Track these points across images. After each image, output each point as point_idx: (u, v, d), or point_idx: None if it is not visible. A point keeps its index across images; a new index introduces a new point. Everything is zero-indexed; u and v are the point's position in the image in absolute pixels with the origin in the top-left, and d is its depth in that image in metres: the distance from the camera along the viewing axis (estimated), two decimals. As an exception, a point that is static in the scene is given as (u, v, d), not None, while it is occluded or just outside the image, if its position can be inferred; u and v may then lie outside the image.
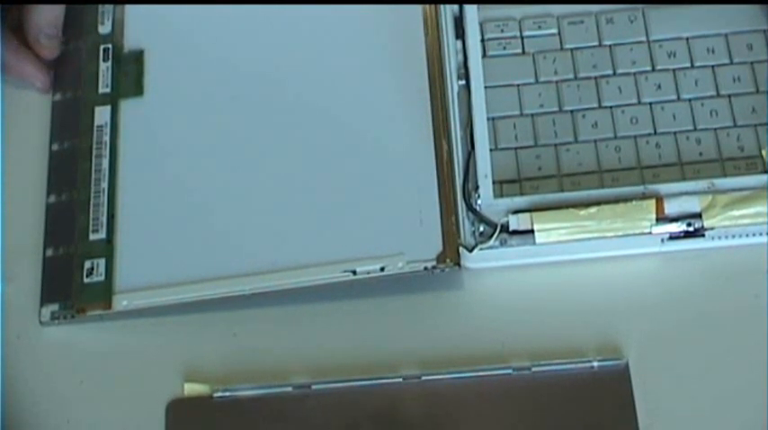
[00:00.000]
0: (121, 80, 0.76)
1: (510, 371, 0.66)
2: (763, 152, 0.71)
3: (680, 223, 0.68)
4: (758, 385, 0.65)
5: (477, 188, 0.70)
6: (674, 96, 0.73)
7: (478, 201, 0.70)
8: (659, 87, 0.73)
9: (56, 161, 0.74)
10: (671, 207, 0.68)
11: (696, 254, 0.69)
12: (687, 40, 0.74)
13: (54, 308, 0.70)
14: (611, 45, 0.74)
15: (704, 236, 0.69)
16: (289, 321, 0.69)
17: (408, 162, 0.71)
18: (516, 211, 0.69)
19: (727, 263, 0.69)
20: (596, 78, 0.73)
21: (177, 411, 0.67)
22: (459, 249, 0.69)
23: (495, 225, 0.69)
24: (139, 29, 0.77)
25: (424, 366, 0.67)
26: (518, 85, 0.74)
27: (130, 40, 0.77)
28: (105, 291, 0.70)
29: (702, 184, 0.69)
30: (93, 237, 0.71)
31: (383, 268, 0.68)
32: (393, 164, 0.71)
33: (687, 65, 0.73)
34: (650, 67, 0.74)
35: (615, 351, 0.67)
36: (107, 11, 0.78)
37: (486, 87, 0.72)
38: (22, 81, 0.76)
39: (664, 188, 0.69)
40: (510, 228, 0.69)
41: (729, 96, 0.72)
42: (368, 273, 0.68)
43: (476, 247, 0.69)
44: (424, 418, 0.66)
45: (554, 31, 0.75)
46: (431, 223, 0.70)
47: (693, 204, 0.68)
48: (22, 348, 0.69)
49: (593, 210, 0.68)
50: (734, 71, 0.73)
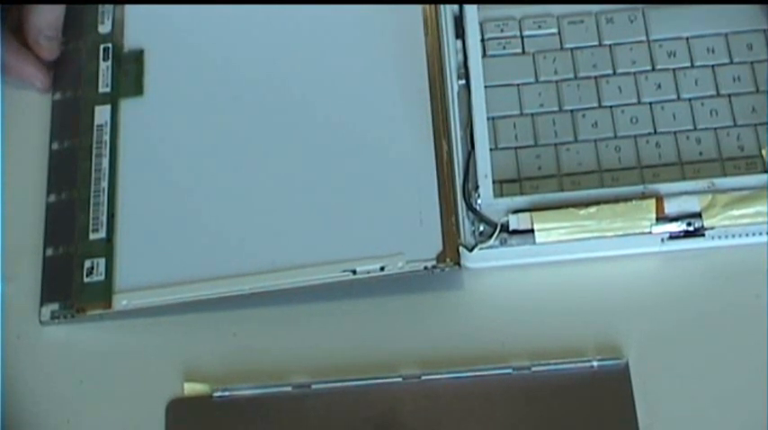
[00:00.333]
0: (121, 80, 0.76)
1: (510, 371, 0.66)
2: (763, 152, 0.71)
3: (680, 223, 0.68)
4: (758, 385, 0.65)
5: (477, 188, 0.70)
6: (674, 96, 0.73)
7: (478, 201, 0.70)
8: (659, 87, 0.73)
9: (56, 160, 0.74)
10: (671, 206, 0.68)
11: (696, 253, 0.69)
12: (687, 39, 0.74)
13: (54, 307, 0.70)
14: (611, 45, 0.74)
15: (704, 235, 0.69)
16: (288, 321, 0.69)
17: (408, 162, 0.71)
18: (516, 211, 0.69)
19: (727, 262, 0.69)
20: (596, 78, 0.73)
21: (177, 411, 0.67)
22: (459, 249, 0.69)
23: (495, 224, 0.69)
24: (139, 29, 0.77)
25: (424, 366, 0.67)
26: (518, 85, 0.73)
27: (130, 40, 0.77)
28: (105, 290, 0.70)
29: (702, 184, 0.69)
30: (93, 236, 0.71)
31: (383, 268, 0.68)
32: (393, 164, 0.71)
33: (687, 64, 0.73)
34: (650, 67, 0.74)
35: (615, 351, 0.67)
36: (107, 10, 0.78)
37: (486, 87, 0.72)
38: (23, 82, 0.76)
39: (664, 188, 0.69)
40: (510, 227, 0.69)
41: (729, 96, 0.72)
42: (368, 272, 0.68)
43: (476, 247, 0.69)
44: (424, 418, 0.66)
45: (554, 30, 0.75)
46: (431, 223, 0.70)
47: (693, 204, 0.68)
48: (22, 348, 0.69)
49: (593, 210, 0.68)
50: (734, 71, 0.73)
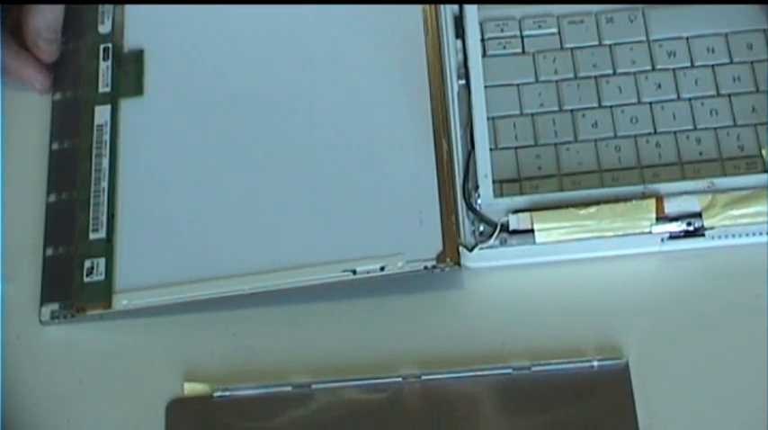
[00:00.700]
0: (121, 80, 0.76)
1: (510, 371, 0.66)
2: (763, 151, 0.71)
3: (680, 222, 0.68)
4: (758, 385, 0.65)
5: (477, 188, 0.70)
6: (674, 96, 0.73)
7: (478, 201, 0.70)
8: (659, 87, 0.73)
9: (56, 160, 0.74)
10: (671, 206, 0.68)
11: (696, 253, 0.69)
12: (687, 39, 0.74)
13: (54, 307, 0.70)
14: (611, 45, 0.74)
15: (704, 235, 0.69)
16: (288, 321, 0.69)
17: (408, 162, 0.71)
18: (516, 211, 0.69)
19: (727, 262, 0.69)
20: (596, 78, 0.73)
21: (177, 411, 0.67)
22: (459, 249, 0.69)
23: (495, 224, 0.69)
24: (139, 29, 0.77)
25: (423, 366, 0.67)
26: (518, 85, 0.73)
27: (130, 40, 0.77)
28: (105, 290, 0.70)
29: (702, 184, 0.69)
30: (93, 236, 0.71)
31: (383, 268, 0.68)
32: (393, 164, 0.71)
33: (687, 64, 0.73)
34: (650, 67, 0.74)
35: (615, 351, 0.67)
36: (107, 10, 0.78)
37: (486, 87, 0.72)
38: (22, 83, 0.76)
39: (664, 187, 0.69)
40: (510, 227, 0.69)
41: (729, 96, 0.72)
42: (368, 272, 0.68)
43: (476, 247, 0.69)
44: (424, 418, 0.66)
45: (554, 30, 0.75)
46: (431, 223, 0.70)
47: (693, 204, 0.68)
48: (22, 348, 0.69)
49: (593, 210, 0.68)
50: (734, 71, 0.73)
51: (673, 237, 0.69)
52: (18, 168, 0.74)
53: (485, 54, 0.74)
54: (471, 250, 0.69)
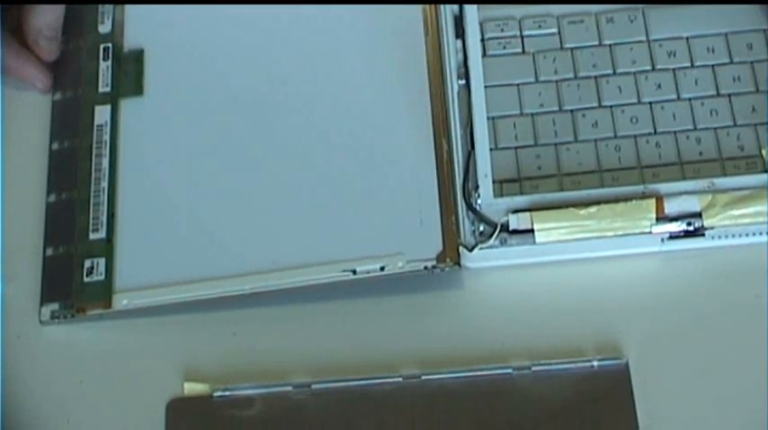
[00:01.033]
0: (121, 79, 0.76)
1: (510, 371, 0.66)
2: (763, 151, 0.71)
3: (680, 222, 0.68)
4: (758, 385, 0.65)
5: (477, 187, 0.70)
6: (674, 96, 0.73)
7: (478, 201, 0.70)
8: (659, 87, 0.73)
9: (56, 160, 0.74)
10: (671, 206, 0.68)
11: (696, 253, 0.69)
12: (687, 39, 0.74)
13: (54, 307, 0.70)
14: (611, 45, 0.74)
15: (704, 235, 0.69)
16: (289, 321, 0.69)
17: (408, 162, 0.71)
18: (516, 211, 0.69)
19: (727, 262, 0.69)
20: (596, 78, 0.73)
21: (177, 410, 0.67)
22: (460, 249, 0.69)
23: (495, 224, 0.69)
24: (139, 28, 0.77)
25: (423, 366, 0.67)
26: (518, 85, 0.73)
27: (130, 40, 0.77)
28: (105, 290, 0.70)
29: (702, 184, 0.69)
30: (93, 236, 0.71)
31: (383, 268, 0.68)
32: (393, 164, 0.71)
33: (687, 64, 0.73)
34: (650, 67, 0.74)
35: (615, 351, 0.67)
36: (107, 10, 0.78)
37: (486, 87, 0.72)
38: (23, 82, 0.76)
39: (664, 187, 0.69)
40: (510, 227, 0.69)
41: (729, 96, 0.72)
42: (368, 272, 0.68)
43: (476, 247, 0.69)
44: (424, 418, 0.66)
45: (554, 30, 0.75)
46: (431, 223, 0.70)
47: (693, 204, 0.68)
48: (22, 348, 0.69)
49: (593, 210, 0.68)
50: (734, 71, 0.73)
51: (673, 237, 0.69)
52: (18, 168, 0.74)
53: (485, 54, 0.74)
54: (471, 250, 0.69)
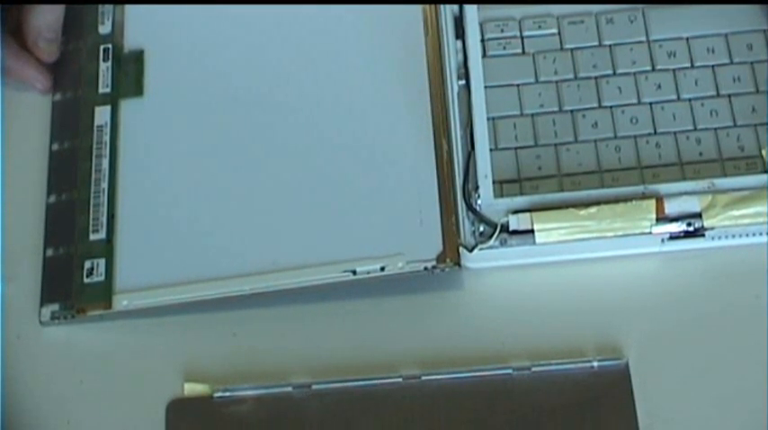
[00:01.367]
0: (121, 80, 0.76)
1: (510, 371, 0.66)
2: (763, 152, 0.71)
3: (680, 223, 0.68)
4: (758, 385, 0.65)
5: (477, 188, 0.70)
6: (674, 96, 0.73)
7: (478, 201, 0.70)
8: (659, 87, 0.73)
9: (56, 161, 0.74)
10: (671, 207, 0.68)
11: (696, 254, 0.69)
12: (687, 40, 0.74)
13: (54, 308, 0.70)
14: (611, 45, 0.74)
15: (704, 236, 0.69)
16: (289, 321, 0.69)
17: (408, 162, 0.71)
18: (516, 211, 0.69)
19: (727, 263, 0.69)
20: (596, 78, 0.73)
21: (177, 411, 0.67)
22: (460, 249, 0.69)
23: (495, 225, 0.69)
24: (139, 29, 0.77)
25: (424, 366, 0.67)
26: (518, 85, 0.74)
27: (130, 40, 0.77)
28: (105, 290, 0.70)
29: (702, 184, 0.69)
30: (93, 237, 0.71)
31: (383, 268, 0.68)
32: (393, 164, 0.71)
33: (687, 65, 0.73)
34: (650, 67, 0.74)
35: (615, 351, 0.67)
36: (107, 11, 0.78)
37: (486, 87, 0.72)
38: (23, 83, 0.76)
39: (664, 188, 0.69)
40: (510, 227, 0.69)
41: (729, 96, 0.73)
42: (368, 273, 0.68)
43: (476, 247, 0.69)
44: (424, 418, 0.66)
45: (554, 30, 0.75)
46: (431, 223, 0.70)
47: (693, 204, 0.68)
48: (22, 348, 0.69)
49: (593, 210, 0.68)
50: (734, 71, 0.73)
51: (673, 237, 0.69)
52: (18, 169, 0.74)
53: (485, 54, 0.74)
54: (471, 250, 0.69)
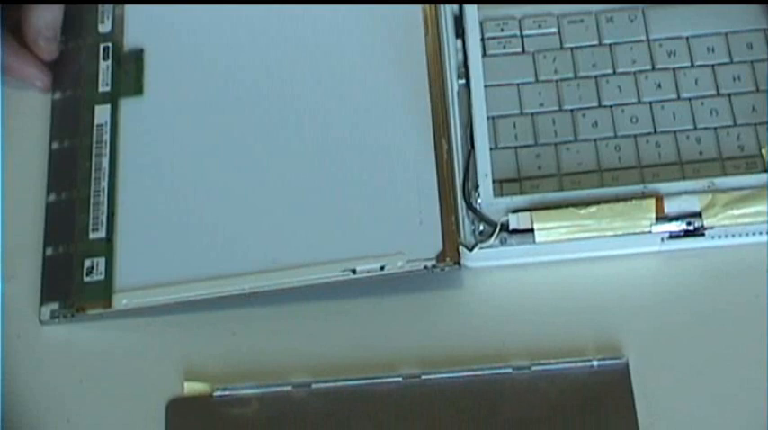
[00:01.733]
0: (121, 79, 0.76)
1: (510, 371, 0.66)
2: (763, 151, 0.71)
3: (680, 222, 0.68)
4: (758, 385, 0.65)
5: (477, 187, 0.70)
6: (673, 95, 0.73)
7: (478, 200, 0.70)
8: (659, 86, 0.73)
9: (56, 160, 0.74)
10: (671, 206, 0.68)
11: (696, 253, 0.69)
12: (687, 39, 0.74)
13: (54, 306, 0.70)
14: (611, 44, 0.74)
15: (704, 235, 0.69)
16: (289, 320, 0.69)
17: (408, 161, 0.71)
18: (516, 210, 0.69)
19: (727, 262, 0.69)
20: (596, 77, 0.73)
21: (177, 410, 0.67)
22: (460, 248, 0.69)
23: (495, 224, 0.69)
24: (139, 28, 0.77)
25: (423, 365, 0.67)
26: (518, 85, 0.74)
27: (130, 39, 0.77)
28: (105, 289, 0.70)
29: (702, 183, 0.69)
30: (93, 235, 0.71)
31: (383, 267, 0.68)
32: (393, 163, 0.71)
33: (687, 64, 0.73)
34: (650, 67, 0.74)
35: (615, 350, 0.67)
36: (107, 10, 0.78)
37: (486, 86, 0.72)
38: (23, 82, 0.76)
39: (664, 187, 0.69)
40: (510, 227, 0.69)
41: (729, 95, 0.73)
42: (368, 272, 0.68)
43: (476, 246, 0.69)
44: (424, 418, 0.66)
45: (554, 30, 0.75)
46: (431, 222, 0.70)
47: (693, 203, 0.68)
48: (22, 347, 0.69)
49: (592, 209, 0.68)
50: (734, 70, 0.73)
51: (673, 236, 0.69)
52: (18, 168, 0.74)
53: (485, 54, 0.74)
54: (471, 250, 0.69)
